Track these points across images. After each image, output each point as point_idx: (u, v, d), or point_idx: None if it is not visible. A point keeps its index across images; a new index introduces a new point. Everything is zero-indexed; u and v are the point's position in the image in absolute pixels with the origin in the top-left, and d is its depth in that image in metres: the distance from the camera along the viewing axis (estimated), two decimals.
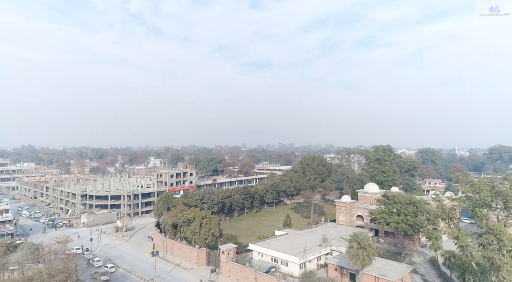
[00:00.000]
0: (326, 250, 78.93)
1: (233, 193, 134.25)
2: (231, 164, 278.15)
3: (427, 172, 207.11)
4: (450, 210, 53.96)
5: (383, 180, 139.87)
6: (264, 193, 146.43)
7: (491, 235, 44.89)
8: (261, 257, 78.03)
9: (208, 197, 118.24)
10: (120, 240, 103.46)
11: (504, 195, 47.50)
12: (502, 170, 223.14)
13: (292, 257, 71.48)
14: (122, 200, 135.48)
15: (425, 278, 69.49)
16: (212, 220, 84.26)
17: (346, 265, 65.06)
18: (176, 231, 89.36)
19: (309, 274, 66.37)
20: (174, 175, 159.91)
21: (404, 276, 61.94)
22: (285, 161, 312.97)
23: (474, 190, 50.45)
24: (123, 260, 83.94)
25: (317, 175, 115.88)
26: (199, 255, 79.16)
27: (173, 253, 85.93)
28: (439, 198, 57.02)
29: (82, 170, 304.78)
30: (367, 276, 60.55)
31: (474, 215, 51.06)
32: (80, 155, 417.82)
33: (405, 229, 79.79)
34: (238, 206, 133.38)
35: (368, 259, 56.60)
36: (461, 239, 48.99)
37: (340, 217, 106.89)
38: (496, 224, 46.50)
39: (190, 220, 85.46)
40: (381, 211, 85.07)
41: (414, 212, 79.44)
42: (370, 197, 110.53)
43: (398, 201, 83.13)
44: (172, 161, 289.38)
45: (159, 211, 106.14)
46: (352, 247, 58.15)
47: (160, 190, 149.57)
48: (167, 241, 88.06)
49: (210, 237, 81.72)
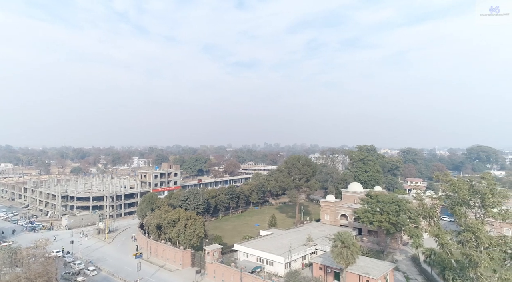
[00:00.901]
0: (311, 249, 79.60)
1: (218, 193, 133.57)
2: (216, 164, 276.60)
3: (409, 171, 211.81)
4: (431, 209, 55.22)
5: (366, 179, 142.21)
6: (249, 193, 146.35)
7: (469, 232, 46.19)
8: (246, 257, 77.95)
9: (193, 198, 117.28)
10: (103, 242, 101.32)
11: (482, 193, 48.88)
12: (480, 169, 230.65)
13: (277, 257, 71.72)
14: (105, 201, 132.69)
15: (406, 275, 71.02)
16: (197, 221, 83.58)
17: (330, 264, 65.76)
18: (160, 232, 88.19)
19: (294, 274, 66.69)
20: (158, 175, 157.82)
21: (387, 273, 63.12)
22: (270, 161, 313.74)
23: (453, 189, 51.79)
24: (106, 262, 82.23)
25: (302, 175, 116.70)
26: (184, 256, 78.39)
27: (157, 254, 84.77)
28: (420, 197, 58.27)
29: (62, 170, 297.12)
30: (351, 275, 61.36)
31: (454, 213, 52.44)
32: (61, 155, 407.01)
33: (387, 227, 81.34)
34: (224, 206, 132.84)
35: (352, 258, 57.38)
36: (441, 236, 50.20)
37: (324, 216, 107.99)
38: (474, 221, 47.92)
39: (174, 221, 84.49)
40: (365, 210, 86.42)
41: (396, 211, 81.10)
42: (354, 196, 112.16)
43: (381, 200, 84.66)
44: (156, 161, 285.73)
45: (143, 212, 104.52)
46: (336, 246, 58.84)
47: (144, 190, 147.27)
48: (151, 242, 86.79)
49: (195, 238, 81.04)
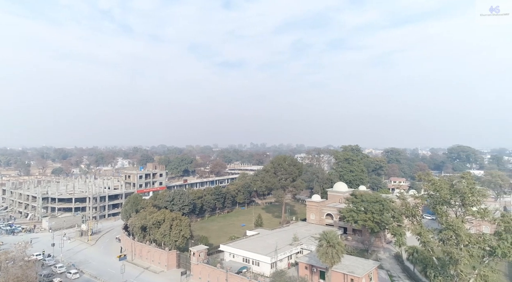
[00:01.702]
0: (297, 249, 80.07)
1: (204, 193, 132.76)
2: (202, 164, 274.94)
3: (392, 171, 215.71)
4: (413, 208, 56.28)
5: (351, 179, 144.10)
6: (235, 193, 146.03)
7: (450, 230, 47.35)
8: (232, 258, 77.77)
9: (178, 198, 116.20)
10: (85, 244, 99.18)
11: (462, 192, 50.23)
12: (460, 169, 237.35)
13: (263, 257, 71.83)
14: (88, 203, 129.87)
15: (390, 273, 72.35)
16: (182, 222, 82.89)
17: (316, 263, 66.32)
18: (145, 234, 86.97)
19: (280, 273, 66.96)
20: (143, 175, 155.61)
21: (371, 272, 64.19)
22: (256, 161, 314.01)
23: (435, 188, 53.01)
24: (88, 265, 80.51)
25: (288, 175, 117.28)
26: (169, 258, 77.56)
27: (142, 256, 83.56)
28: (403, 196, 59.35)
29: (43, 171, 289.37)
30: (336, 273, 62.08)
31: (435, 212, 53.69)
32: (41, 156, 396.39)
33: (372, 226, 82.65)
34: (210, 206, 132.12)
35: (337, 257, 58.06)
36: (423, 235, 51.26)
37: (310, 216, 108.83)
38: (455, 220, 49.15)
39: (159, 222, 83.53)
40: (350, 210, 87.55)
41: (380, 210, 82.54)
42: (339, 195, 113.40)
43: (365, 199, 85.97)
44: (141, 162, 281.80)
45: (127, 213, 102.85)
46: (321, 246, 59.42)
47: (128, 191, 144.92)
48: (135, 244, 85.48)
49: (180, 239, 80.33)
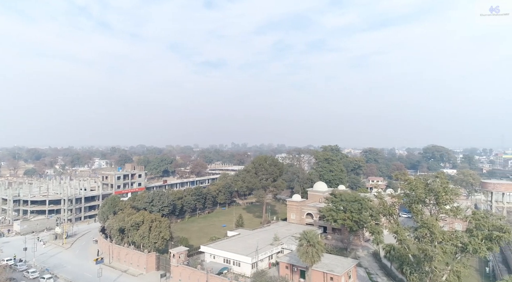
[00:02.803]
0: (278, 248, 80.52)
1: (184, 194, 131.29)
2: (182, 164, 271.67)
3: (370, 170, 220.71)
4: (391, 207, 57.70)
5: (331, 178, 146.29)
6: (216, 193, 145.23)
7: (425, 228, 48.93)
8: (213, 259, 77.29)
9: (158, 199, 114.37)
10: (60, 247, 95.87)
11: (436, 191, 51.96)
12: (435, 168, 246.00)
13: (244, 257, 71.78)
14: (62, 205, 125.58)
15: (368, 271, 73.99)
16: (162, 223, 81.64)
17: (296, 262, 66.89)
18: (123, 236, 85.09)
19: (261, 273, 67.13)
20: (121, 176, 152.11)
21: (350, 270, 65.40)
22: (237, 161, 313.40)
23: (411, 188, 54.60)
24: (63, 269, 77.83)
25: (269, 175, 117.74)
26: (148, 260, 76.19)
27: (120, 259, 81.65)
28: (381, 196, 60.83)
29: (15, 172, 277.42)
30: (316, 272, 62.85)
31: (411, 210, 55.28)
32: (13, 156, 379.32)
33: (350, 225, 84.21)
34: (190, 207, 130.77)
35: (317, 256, 58.79)
36: (399, 233, 52.72)
37: (291, 216, 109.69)
38: (429, 218, 50.81)
39: (138, 223, 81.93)
40: (329, 209, 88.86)
41: (359, 209, 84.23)
42: (319, 195, 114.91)
43: (344, 198, 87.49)
44: (119, 162, 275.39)
45: (104, 215, 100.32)
46: (302, 245, 59.99)
47: (105, 192, 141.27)
48: (113, 246, 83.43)
49: (160, 241, 79.10)
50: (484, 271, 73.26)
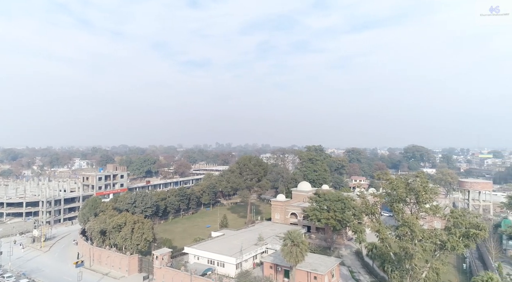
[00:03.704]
0: (262, 248, 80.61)
1: (168, 195, 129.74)
2: (166, 164, 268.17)
3: (353, 170, 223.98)
4: (373, 206, 58.80)
5: (315, 178, 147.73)
6: (200, 194, 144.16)
7: (405, 227, 50.11)
8: (197, 260, 76.66)
9: (141, 200, 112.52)
10: (38, 251, 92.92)
11: (416, 191, 53.33)
12: (415, 167, 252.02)
13: (228, 258, 71.50)
14: (41, 207, 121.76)
15: (351, 269, 75.07)
16: (145, 225, 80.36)
17: (280, 262, 67.14)
18: (104, 238, 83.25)
19: (245, 274, 67.08)
20: (103, 177, 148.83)
21: (333, 269, 66.19)
22: (222, 161, 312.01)
23: (392, 187, 55.81)
24: (41, 273, 75.46)
25: (254, 175, 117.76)
26: (131, 262, 74.83)
27: (101, 261, 79.85)
28: (363, 195, 61.85)
29: None
30: (300, 272, 63.27)
31: (392, 209, 56.53)
32: None
33: (334, 224, 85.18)
34: (174, 208, 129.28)
35: (301, 256, 59.18)
36: (381, 232, 53.79)
37: (275, 216, 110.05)
38: (410, 217, 52.08)
39: (120, 225, 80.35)
40: (313, 208, 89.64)
41: (342, 208, 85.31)
42: (303, 195, 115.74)
43: (328, 198, 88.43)
44: (100, 162, 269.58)
45: (85, 217, 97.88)
46: (286, 245, 60.25)
47: (86, 194, 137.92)
48: (94, 249, 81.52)
49: (142, 243, 77.82)
50: (462, 267, 75.65)
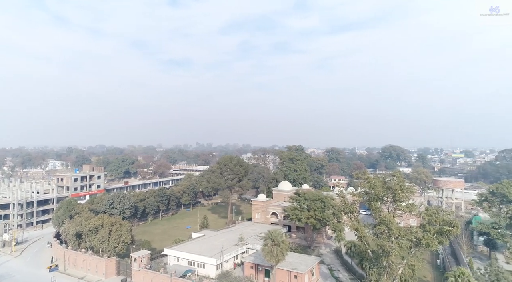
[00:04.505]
0: (243, 248, 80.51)
1: (147, 195, 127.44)
2: (145, 165, 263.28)
3: (332, 169, 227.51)
4: (352, 205, 59.85)
5: (295, 178, 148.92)
6: (180, 194, 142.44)
7: (383, 225, 51.31)
8: (177, 261, 75.66)
9: (118, 202, 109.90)
10: (8, 255, 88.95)
11: (393, 189, 54.75)
12: (392, 167, 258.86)
13: (208, 259, 70.99)
14: (12, 209, 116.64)
15: (330, 267, 76.21)
16: (123, 226, 78.55)
17: (261, 262, 67.28)
18: (80, 241, 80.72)
19: (226, 274, 66.76)
20: (79, 178, 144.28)
21: (313, 267, 66.98)
22: (202, 161, 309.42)
23: (370, 186, 57.03)
24: (11, 279, 72.18)
25: (235, 175, 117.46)
26: (108, 265, 72.89)
27: (77, 265, 77.35)
28: (343, 194, 62.89)
29: None
30: (280, 271, 63.62)
31: (370, 208, 57.79)
32: None
33: (314, 223, 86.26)
34: (153, 209, 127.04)
35: (281, 255, 59.52)
36: (360, 230, 54.88)
37: (256, 215, 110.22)
38: (387, 215, 53.37)
39: (97, 227, 78.11)
40: (293, 208, 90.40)
41: (322, 207, 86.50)
42: (283, 194, 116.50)
43: (308, 197, 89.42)
44: (76, 163, 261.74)
45: (59, 220, 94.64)
46: (267, 245, 60.43)
47: (61, 196, 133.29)
48: (69, 252, 78.83)
49: (120, 245, 76.06)
50: (435, 263, 78.39)
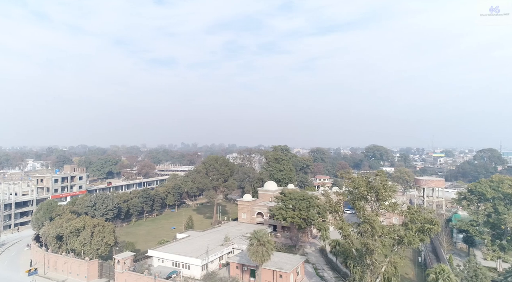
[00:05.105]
0: (228, 249, 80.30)
1: (130, 196, 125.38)
2: (129, 165, 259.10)
3: (317, 169, 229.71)
4: (336, 204, 60.55)
5: (281, 177, 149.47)
6: (165, 195, 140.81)
7: (367, 224, 52.17)
8: (161, 263, 74.77)
9: (101, 203, 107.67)
10: None
11: (376, 188, 55.76)
12: (375, 166, 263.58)
13: (193, 260, 70.46)
14: None
15: (315, 266, 76.90)
16: (105, 228, 77.07)
17: (247, 262, 67.25)
18: (61, 244, 78.75)
19: (211, 275, 66.45)
20: (59, 179, 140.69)
21: (298, 266, 67.43)
22: (188, 161, 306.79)
23: (354, 186, 57.90)
24: None
25: (220, 175, 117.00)
26: (90, 268, 71.32)
27: (57, 268, 75.35)
28: (327, 194, 63.60)
29: None
30: (265, 271, 63.77)
31: (354, 207, 58.68)
32: None
33: (299, 223, 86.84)
34: (137, 210, 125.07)
35: (267, 255, 59.65)
36: (344, 229, 55.64)
37: (241, 215, 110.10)
38: (371, 214, 54.28)
39: (79, 229, 76.41)
40: (279, 207, 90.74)
41: (307, 207, 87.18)
42: (269, 194, 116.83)
43: (293, 197, 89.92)
44: (57, 164, 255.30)
45: (39, 222, 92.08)
46: (252, 245, 60.45)
47: (40, 197, 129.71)
48: (49, 255, 76.70)
49: (103, 247, 74.61)
50: (417, 260, 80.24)
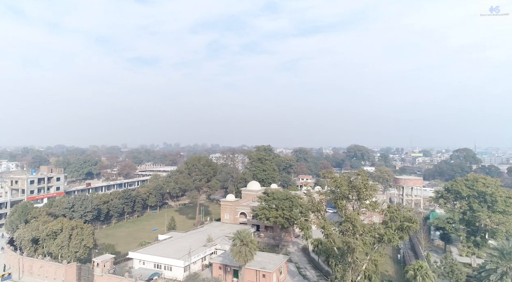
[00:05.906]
0: (211, 249, 79.79)
1: (111, 197, 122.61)
2: (109, 165, 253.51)
3: (300, 169, 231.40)
4: (318, 203, 61.20)
5: (264, 177, 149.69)
6: (146, 196, 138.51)
7: (348, 222, 53.03)
8: (142, 265, 73.44)
9: (80, 204, 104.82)
10: None
11: (358, 188, 56.77)
12: (357, 166, 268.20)
13: (175, 261, 69.59)
14: None
15: (298, 265, 77.45)
16: (84, 230, 75.03)
17: (230, 262, 66.99)
18: (37, 247, 76.06)
19: (193, 276, 65.78)
20: (35, 180, 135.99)
21: (281, 266, 67.73)
22: (170, 162, 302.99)
23: (336, 185, 58.75)
24: None
25: (203, 175, 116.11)
26: (68, 271, 69.11)
27: (33, 272, 72.68)
28: (310, 193, 64.16)
29: None
30: (249, 271, 63.71)
31: (336, 206, 59.53)
32: None
33: (282, 222, 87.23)
34: (117, 211, 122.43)
35: (250, 255, 59.63)
36: (326, 228, 56.34)
37: (224, 216, 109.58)
38: (352, 213, 55.19)
39: (56, 232, 73.98)
40: (262, 207, 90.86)
41: (290, 207, 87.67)
42: (252, 194, 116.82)
43: (276, 197, 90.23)
44: (33, 164, 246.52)
45: (13, 225, 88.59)
46: (235, 245, 60.30)
47: (15, 199, 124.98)
48: (24, 259, 73.88)
49: (82, 250, 72.63)
50: (396, 257, 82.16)
